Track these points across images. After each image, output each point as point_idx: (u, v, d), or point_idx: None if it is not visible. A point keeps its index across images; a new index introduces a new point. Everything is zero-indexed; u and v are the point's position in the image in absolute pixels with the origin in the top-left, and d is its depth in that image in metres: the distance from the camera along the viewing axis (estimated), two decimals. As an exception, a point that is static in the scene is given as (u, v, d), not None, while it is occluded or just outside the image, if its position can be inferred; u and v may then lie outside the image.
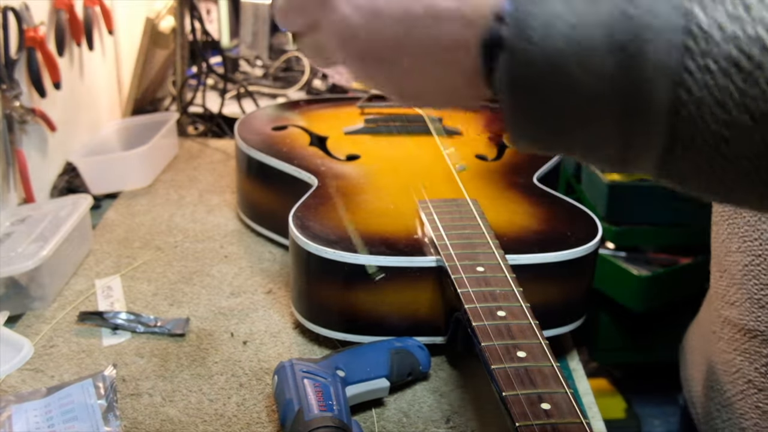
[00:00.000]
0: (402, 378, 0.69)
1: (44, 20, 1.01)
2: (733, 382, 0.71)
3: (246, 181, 0.97)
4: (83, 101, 1.19)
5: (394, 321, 0.73)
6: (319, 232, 0.74)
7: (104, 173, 1.08)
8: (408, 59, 0.38)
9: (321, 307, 0.75)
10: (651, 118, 0.32)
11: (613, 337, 1.62)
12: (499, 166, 0.92)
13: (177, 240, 0.97)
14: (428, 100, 0.43)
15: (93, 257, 0.92)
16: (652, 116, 0.32)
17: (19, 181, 0.97)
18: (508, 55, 0.33)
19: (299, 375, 0.62)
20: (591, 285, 0.79)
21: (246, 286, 0.87)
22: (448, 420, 0.67)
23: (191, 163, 1.20)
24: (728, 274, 0.70)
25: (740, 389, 0.70)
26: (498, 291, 0.64)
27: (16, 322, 0.80)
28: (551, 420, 0.49)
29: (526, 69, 0.33)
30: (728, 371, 0.71)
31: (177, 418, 0.67)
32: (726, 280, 0.71)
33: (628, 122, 0.32)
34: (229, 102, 1.38)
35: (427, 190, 0.82)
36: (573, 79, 0.32)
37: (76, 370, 0.73)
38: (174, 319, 0.79)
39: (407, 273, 0.71)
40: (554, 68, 0.32)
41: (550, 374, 0.53)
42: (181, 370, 0.73)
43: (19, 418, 0.64)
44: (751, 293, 0.67)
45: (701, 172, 0.33)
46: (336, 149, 0.95)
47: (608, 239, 1.49)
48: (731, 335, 0.70)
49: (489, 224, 0.74)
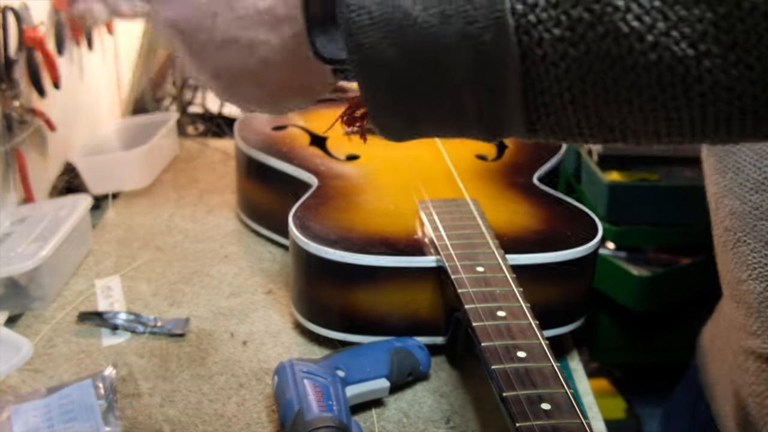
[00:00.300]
0: (402, 378, 0.69)
1: (44, 20, 1.01)
2: (766, 418, 0.67)
3: (246, 181, 0.97)
4: (83, 101, 1.18)
5: (394, 321, 0.73)
6: (319, 232, 0.74)
7: (104, 173, 1.08)
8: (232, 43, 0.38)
9: (321, 307, 0.75)
10: (503, 70, 0.32)
11: (613, 337, 1.62)
12: (499, 166, 0.92)
13: (177, 240, 0.97)
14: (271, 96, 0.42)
15: (93, 257, 0.92)
16: (504, 68, 0.32)
17: (19, 181, 0.97)
18: (345, 33, 0.33)
19: (299, 375, 0.62)
20: (591, 285, 0.79)
21: (246, 286, 0.87)
22: (448, 420, 0.67)
23: (191, 163, 1.20)
24: (744, 304, 0.68)
25: None
26: (498, 291, 0.64)
27: (15, 322, 0.80)
28: (551, 420, 0.49)
29: (367, 50, 0.33)
30: (762, 403, 0.68)
31: (177, 419, 0.66)
32: (743, 310, 0.68)
33: (480, 81, 0.32)
34: (229, 102, 1.37)
35: (427, 190, 0.82)
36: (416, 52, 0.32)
37: (76, 370, 0.72)
38: (174, 319, 0.79)
39: (407, 273, 0.71)
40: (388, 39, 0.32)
41: (550, 374, 0.53)
42: (181, 370, 0.73)
43: (19, 418, 0.64)
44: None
45: (566, 107, 0.33)
46: (336, 149, 0.94)
47: (608, 239, 1.49)
48: (758, 366, 0.67)
49: (489, 224, 0.74)
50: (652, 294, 1.46)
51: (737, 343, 0.71)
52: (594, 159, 1.45)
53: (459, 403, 0.70)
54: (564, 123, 0.33)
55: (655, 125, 0.32)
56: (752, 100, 0.30)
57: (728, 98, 0.30)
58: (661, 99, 0.31)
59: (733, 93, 0.30)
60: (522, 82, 0.32)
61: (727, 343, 0.75)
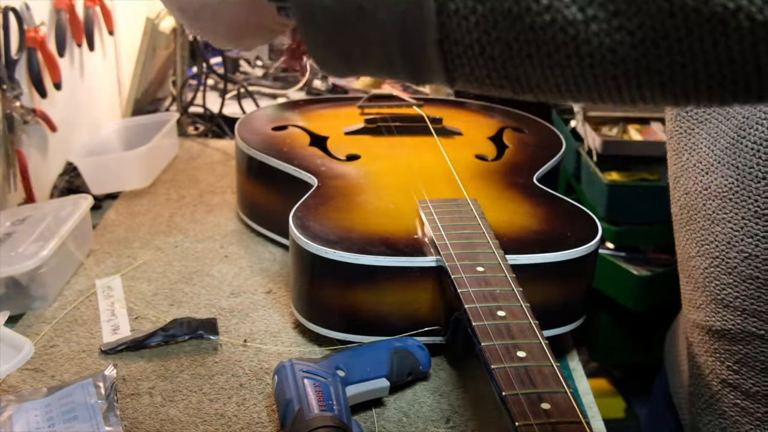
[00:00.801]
0: (402, 378, 0.69)
1: (45, 20, 1.01)
2: (709, 384, 0.71)
3: (246, 181, 0.97)
4: (84, 101, 1.19)
5: (394, 321, 0.73)
6: (319, 232, 0.74)
7: (105, 173, 1.09)
8: None
9: (321, 307, 0.75)
10: (421, 21, 0.36)
11: (613, 337, 1.62)
12: (499, 166, 0.93)
13: (177, 240, 0.97)
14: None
15: (93, 257, 0.92)
16: (422, 20, 0.36)
17: (20, 181, 0.98)
18: None
19: (299, 375, 0.62)
20: (591, 285, 0.79)
21: (246, 286, 0.87)
22: (448, 420, 0.67)
23: (191, 163, 1.20)
24: (692, 279, 0.71)
25: (716, 390, 0.71)
26: (498, 291, 0.64)
27: (16, 322, 0.80)
28: (551, 420, 0.49)
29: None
30: (703, 374, 0.72)
31: (177, 418, 0.67)
32: (690, 284, 0.72)
33: (403, 32, 0.37)
34: (229, 102, 1.38)
35: (427, 190, 0.82)
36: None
37: (77, 369, 0.73)
38: (202, 319, 0.78)
39: (407, 273, 0.71)
40: None
41: (550, 374, 0.54)
42: (182, 370, 0.73)
43: (20, 417, 0.64)
44: (713, 294, 0.68)
45: (480, 63, 0.36)
46: (336, 149, 0.95)
47: (608, 239, 1.49)
48: (701, 338, 0.72)
49: (489, 224, 0.74)
50: (651, 294, 1.46)
51: (684, 316, 0.75)
52: (594, 159, 1.45)
53: (459, 403, 0.70)
54: (477, 73, 0.37)
55: (555, 81, 0.36)
56: (634, 63, 0.33)
57: (613, 60, 0.33)
58: (557, 57, 0.34)
59: (616, 56, 0.33)
60: (438, 33, 0.36)
61: (682, 319, 0.79)
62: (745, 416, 0.68)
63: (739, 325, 0.66)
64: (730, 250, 0.65)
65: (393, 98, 1.11)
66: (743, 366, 0.67)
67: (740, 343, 0.67)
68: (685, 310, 0.75)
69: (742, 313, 0.65)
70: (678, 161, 0.71)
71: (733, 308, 0.66)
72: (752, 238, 0.63)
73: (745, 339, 0.66)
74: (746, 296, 0.64)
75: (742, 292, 0.65)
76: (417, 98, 1.12)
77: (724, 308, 0.67)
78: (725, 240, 0.65)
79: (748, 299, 0.64)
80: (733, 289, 0.65)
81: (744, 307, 0.65)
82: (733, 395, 0.69)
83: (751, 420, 0.68)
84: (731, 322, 0.67)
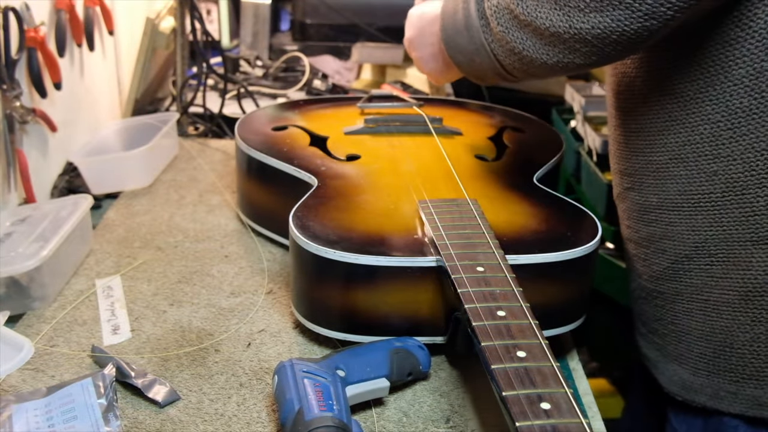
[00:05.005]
0: (402, 378, 0.69)
1: (45, 20, 1.01)
2: (635, 290, 0.86)
3: (246, 181, 0.97)
4: (84, 101, 1.19)
5: (394, 321, 0.73)
6: (319, 232, 0.74)
7: (105, 173, 1.09)
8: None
9: (321, 307, 0.75)
10: None
11: (613, 337, 1.62)
12: (499, 166, 0.93)
13: (177, 240, 0.97)
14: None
15: (93, 257, 0.92)
16: None
17: (20, 181, 0.98)
18: None
19: (299, 375, 0.62)
20: (591, 285, 0.79)
21: (246, 286, 0.87)
22: (448, 420, 0.67)
23: (191, 163, 1.20)
24: (623, 205, 0.83)
25: (640, 295, 0.85)
26: (498, 291, 0.64)
27: (16, 321, 0.80)
28: (551, 420, 0.49)
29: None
30: (631, 285, 0.87)
31: (177, 418, 0.67)
32: (621, 211, 0.85)
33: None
34: (229, 102, 1.38)
35: (427, 190, 0.82)
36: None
37: (77, 369, 0.73)
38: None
39: (407, 273, 0.71)
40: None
41: (550, 374, 0.53)
42: (182, 369, 0.73)
43: (20, 417, 0.64)
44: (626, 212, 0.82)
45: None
46: (336, 149, 0.95)
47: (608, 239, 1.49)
48: (627, 251, 0.85)
49: (489, 224, 0.74)
50: (651, 294, 1.46)
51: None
52: (594, 159, 1.45)
53: (459, 403, 0.70)
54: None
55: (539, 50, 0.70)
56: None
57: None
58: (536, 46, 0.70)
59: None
60: (504, 69, 0.76)
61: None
62: (638, 261, 0.82)
63: (619, 186, 0.82)
64: None
65: (393, 98, 1.11)
66: (630, 219, 0.81)
67: (625, 201, 0.82)
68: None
69: (619, 174, 0.82)
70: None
71: (617, 172, 0.82)
72: None
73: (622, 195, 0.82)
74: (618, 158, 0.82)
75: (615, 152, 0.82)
76: (417, 98, 1.12)
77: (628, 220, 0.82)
78: None
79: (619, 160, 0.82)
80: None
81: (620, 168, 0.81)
82: (630, 247, 0.83)
83: (639, 261, 0.81)
84: (636, 231, 0.80)
